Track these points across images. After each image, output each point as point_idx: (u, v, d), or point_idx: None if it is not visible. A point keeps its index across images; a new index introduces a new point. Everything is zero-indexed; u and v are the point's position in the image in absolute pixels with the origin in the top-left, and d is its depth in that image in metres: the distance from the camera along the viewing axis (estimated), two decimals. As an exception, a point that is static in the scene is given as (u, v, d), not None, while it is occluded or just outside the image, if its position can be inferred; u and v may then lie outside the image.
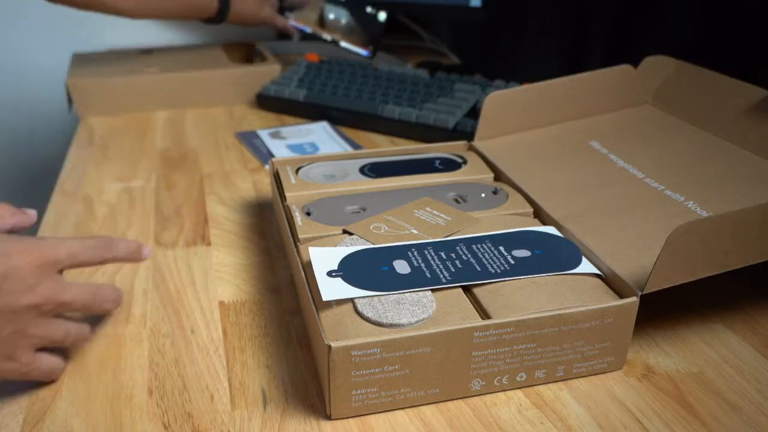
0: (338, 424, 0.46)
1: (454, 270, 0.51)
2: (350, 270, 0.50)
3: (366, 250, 0.53)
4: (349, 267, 0.50)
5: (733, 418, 0.46)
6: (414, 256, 0.52)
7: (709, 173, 0.62)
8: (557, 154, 0.70)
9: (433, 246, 0.54)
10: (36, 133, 1.39)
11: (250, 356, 0.52)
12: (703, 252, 0.48)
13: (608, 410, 0.47)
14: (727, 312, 0.57)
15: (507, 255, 0.52)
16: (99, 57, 1.13)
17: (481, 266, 0.51)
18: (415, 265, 0.51)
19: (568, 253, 0.53)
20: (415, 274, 0.50)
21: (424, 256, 0.52)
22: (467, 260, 0.52)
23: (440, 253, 0.52)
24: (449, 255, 0.52)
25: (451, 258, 0.52)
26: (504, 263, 0.52)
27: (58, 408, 0.47)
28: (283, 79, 1.03)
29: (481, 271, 0.51)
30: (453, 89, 0.93)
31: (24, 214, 0.56)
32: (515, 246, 0.54)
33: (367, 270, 0.50)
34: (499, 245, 0.54)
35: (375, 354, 0.44)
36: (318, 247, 0.53)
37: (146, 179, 0.81)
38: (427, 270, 0.50)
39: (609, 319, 0.48)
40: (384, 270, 0.50)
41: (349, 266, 0.50)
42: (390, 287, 0.48)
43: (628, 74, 0.77)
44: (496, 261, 0.52)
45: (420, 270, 0.50)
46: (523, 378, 0.48)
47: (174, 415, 0.47)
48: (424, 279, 0.50)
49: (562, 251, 0.54)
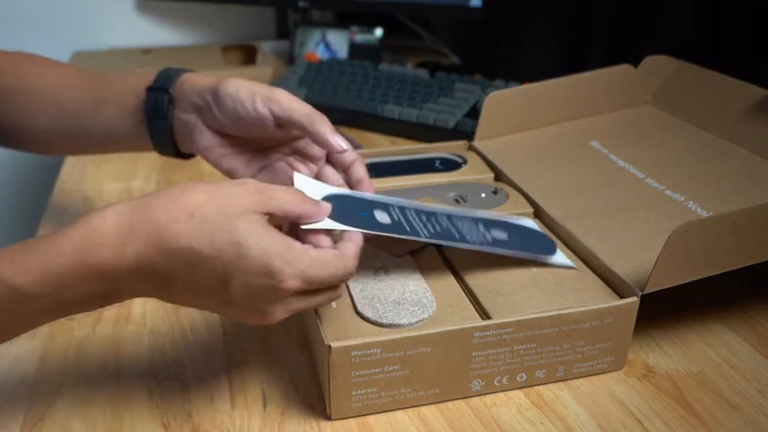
0: (338, 424, 0.46)
1: (434, 231, 0.50)
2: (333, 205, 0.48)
3: (350, 195, 0.51)
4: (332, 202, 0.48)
5: (733, 418, 0.46)
6: (395, 212, 0.51)
7: (709, 173, 0.62)
8: (557, 154, 0.70)
9: (415, 209, 0.53)
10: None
11: (250, 356, 0.52)
12: (703, 252, 0.48)
13: (608, 410, 0.47)
14: (727, 312, 0.57)
15: (486, 233, 0.53)
16: (99, 56, 1.13)
17: (460, 235, 0.51)
18: (396, 219, 0.50)
19: (541, 242, 0.55)
20: (395, 225, 0.49)
21: (405, 215, 0.51)
22: (446, 227, 0.51)
23: (421, 215, 0.52)
24: (429, 219, 0.52)
25: (431, 221, 0.51)
26: (482, 238, 0.52)
27: (58, 408, 0.47)
28: (283, 80, 1.03)
29: (459, 238, 0.50)
30: (453, 89, 0.93)
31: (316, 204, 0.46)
32: (492, 227, 0.54)
33: (348, 210, 0.48)
34: (478, 223, 0.54)
35: (375, 354, 0.44)
36: (304, 175, 0.51)
37: (146, 179, 0.81)
38: (407, 225, 0.50)
39: (609, 319, 0.48)
40: (364, 215, 0.49)
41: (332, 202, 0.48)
42: (369, 228, 0.47)
43: (628, 74, 0.77)
44: (474, 234, 0.52)
45: (400, 223, 0.49)
46: (523, 378, 0.48)
47: (174, 415, 0.47)
48: (404, 231, 0.48)
49: (535, 240, 0.55)
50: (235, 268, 0.40)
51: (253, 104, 0.51)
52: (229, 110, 0.52)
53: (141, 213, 0.40)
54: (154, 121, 0.56)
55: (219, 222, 0.40)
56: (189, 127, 0.55)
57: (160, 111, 0.55)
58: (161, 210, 0.40)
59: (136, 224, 0.40)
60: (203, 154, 0.56)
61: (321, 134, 0.51)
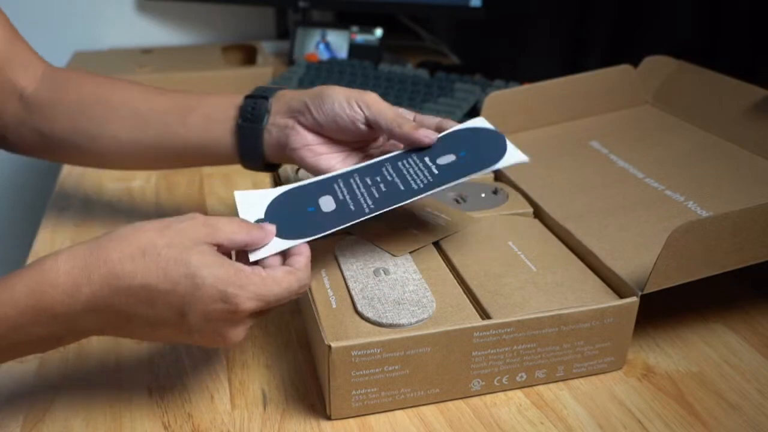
0: (338, 424, 0.46)
1: (378, 196, 0.51)
2: (277, 216, 0.49)
3: (292, 190, 0.52)
4: (276, 213, 0.49)
5: (733, 418, 0.46)
6: (340, 189, 0.52)
7: (709, 173, 0.62)
8: (557, 154, 0.70)
9: (358, 172, 0.53)
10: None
11: (250, 356, 0.52)
12: (703, 252, 0.48)
13: (608, 410, 0.47)
14: (727, 312, 0.57)
15: (431, 165, 0.52)
16: (99, 56, 1.13)
17: (405, 184, 0.51)
18: (341, 198, 0.51)
19: (493, 146, 0.52)
20: (339, 210, 0.50)
21: (350, 187, 0.52)
22: (392, 180, 0.52)
23: (365, 179, 0.52)
24: (374, 179, 0.52)
25: (376, 182, 0.52)
26: (428, 175, 0.51)
27: (58, 408, 0.47)
28: (282, 80, 1.03)
29: (405, 189, 0.51)
30: (453, 89, 0.93)
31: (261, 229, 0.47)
32: (440, 153, 0.53)
33: (294, 214, 0.49)
34: (424, 157, 0.53)
35: (375, 354, 0.44)
36: (244, 191, 0.52)
37: (146, 179, 0.81)
38: (352, 202, 0.50)
39: (609, 319, 0.48)
40: (310, 211, 0.50)
41: (277, 212, 0.49)
42: (314, 230, 0.47)
43: (628, 74, 0.77)
44: (420, 175, 0.52)
45: (345, 203, 0.50)
46: (523, 378, 0.48)
47: (174, 415, 0.47)
48: (348, 213, 0.49)
49: (488, 145, 0.53)
50: (191, 299, 0.41)
51: (348, 103, 0.55)
52: (327, 109, 0.55)
53: (94, 255, 0.42)
54: (247, 125, 0.59)
55: (172, 256, 0.41)
56: (285, 130, 0.58)
57: (257, 115, 0.58)
58: (114, 250, 0.42)
59: (90, 265, 0.41)
60: (299, 154, 0.57)
61: (407, 137, 0.54)
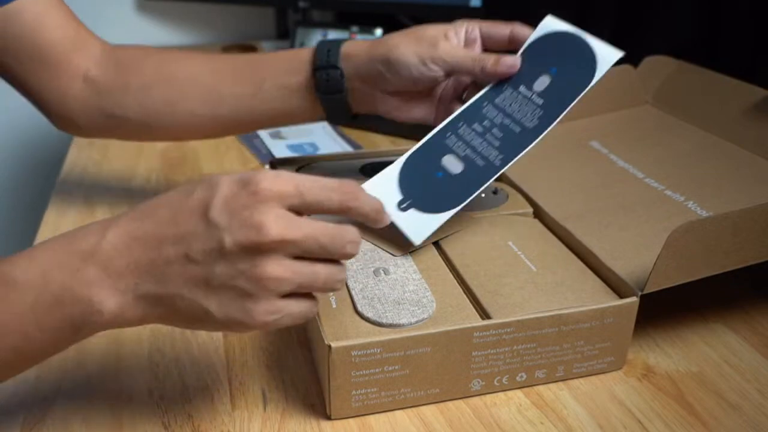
0: (338, 424, 0.46)
1: (499, 143, 0.51)
2: (414, 190, 0.48)
3: (412, 158, 0.52)
4: (411, 187, 0.48)
5: (733, 418, 0.46)
6: (456, 144, 0.52)
7: (709, 173, 0.62)
8: (557, 154, 0.70)
9: (464, 120, 0.54)
10: (36, 132, 1.39)
11: (250, 356, 0.52)
12: (703, 252, 0.48)
13: (608, 410, 0.47)
14: (727, 312, 0.57)
15: (531, 95, 0.52)
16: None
17: (518, 124, 0.51)
18: (462, 154, 0.51)
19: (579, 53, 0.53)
20: (469, 169, 0.50)
21: (463, 139, 0.52)
22: (502, 123, 0.52)
23: (474, 127, 0.53)
24: (483, 125, 0.53)
25: (486, 128, 0.52)
26: (534, 108, 0.52)
27: (58, 408, 0.47)
28: (283, 79, 1.03)
29: (522, 130, 0.51)
30: (453, 89, 0.93)
31: None
32: (532, 77, 0.53)
33: (427, 184, 0.49)
34: (519, 86, 0.53)
35: (375, 354, 0.44)
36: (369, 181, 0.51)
37: (146, 179, 0.81)
38: (477, 156, 0.50)
39: (609, 319, 0.48)
40: (440, 177, 0.50)
41: (410, 186, 0.48)
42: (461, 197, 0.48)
43: (628, 74, 0.77)
44: (526, 109, 0.52)
45: (471, 161, 0.50)
46: (523, 378, 0.48)
47: (174, 415, 0.47)
48: (481, 172, 0.50)
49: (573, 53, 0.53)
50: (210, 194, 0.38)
51: (424, 65, 0.55)
52: (404, 75, 0.56)
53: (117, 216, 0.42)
54: (330, 96, 0.59)
55: None
56: (366, 96, 0.59)
57: (335, 87, 0.59)
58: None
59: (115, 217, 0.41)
60: (390, 116, 0.60)
61: (492, 77, 0.55)
